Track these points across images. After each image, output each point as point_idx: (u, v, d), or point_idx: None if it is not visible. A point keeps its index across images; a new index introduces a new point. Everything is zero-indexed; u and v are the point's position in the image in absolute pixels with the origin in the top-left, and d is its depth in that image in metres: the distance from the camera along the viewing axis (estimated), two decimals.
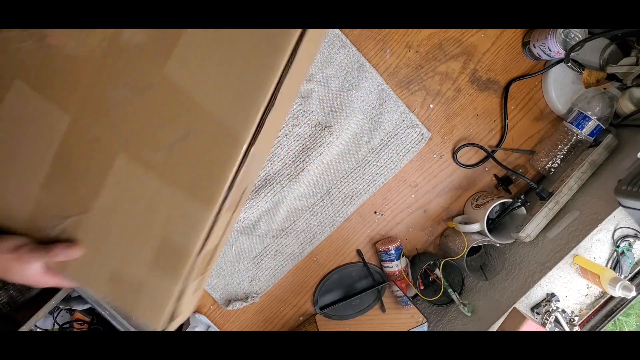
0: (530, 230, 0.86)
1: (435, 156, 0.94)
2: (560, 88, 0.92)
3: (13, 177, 0.57)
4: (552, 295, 0.83)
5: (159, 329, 0.59)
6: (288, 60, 0.52)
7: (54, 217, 0.57)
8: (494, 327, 0.82)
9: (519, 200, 0.90)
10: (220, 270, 0.91)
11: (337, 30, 0.86)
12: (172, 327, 0.60)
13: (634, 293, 0.75)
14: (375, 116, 0.90)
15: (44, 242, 0.56)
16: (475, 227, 0.89)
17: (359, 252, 0.96)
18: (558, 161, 0.91)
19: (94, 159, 0.56)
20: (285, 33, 0.52)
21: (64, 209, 0.57)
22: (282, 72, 0.52)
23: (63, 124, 0.55)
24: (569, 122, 0.89)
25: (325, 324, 0.94)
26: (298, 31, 0.52)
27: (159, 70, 0.53)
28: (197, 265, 0.57)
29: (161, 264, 0.57)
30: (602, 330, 0.85)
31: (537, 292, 0.83)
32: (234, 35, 0.53)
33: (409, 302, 0.93)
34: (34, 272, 0.57)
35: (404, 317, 0.92)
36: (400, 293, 0.94)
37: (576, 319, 0.85)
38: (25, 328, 0.74)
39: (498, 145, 0.95)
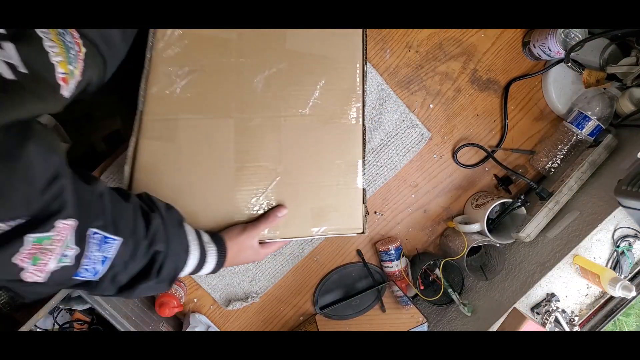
0: (531, 230, 0.86)
1: (435, 156, 0.94)
2: (560, 88, 0.92)
3: (211, 188, 0.71)
4: (552, 295, 0.83)
5: (362, 230, 0.76)
6: None
7: (252, 198, 0.72)
8: (494, 327, 0.82)
9: (519, 200, 0.90)
10: (220, 271, 0.91)
11: None
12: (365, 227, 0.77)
13: (634, 293, 0.75)
14: (375, 116, 0.90)
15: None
16: (475, 227, 0.89)
17: (359, 252, 0.96)
18: (558, 161, 0.91)
19: (265, 137, 0.71)
20: None
21: (257, 187, 0.72)
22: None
23: (230, 127, 0.70)
24: (568, 122, 0.89)
25: (325, 324, 0.94)
26: None
27: (282, 48, 0.70)
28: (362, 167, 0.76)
29: (343, 181, 0.75)
30: (602, 330, 0.85)
31: (537, 292, 0.83)
32: None
33: (409, 302, 0.93)
34: (256, 246, 0.70)
35: (404, 317, 0.92)
36: (400, 293, 0.94)
37: (576, 319, 0.85)
38: (25, 328, 0.74)
39: (498, 145, 0.95)
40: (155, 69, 0.68)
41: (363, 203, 0.76)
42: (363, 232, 0.76)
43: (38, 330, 0.83)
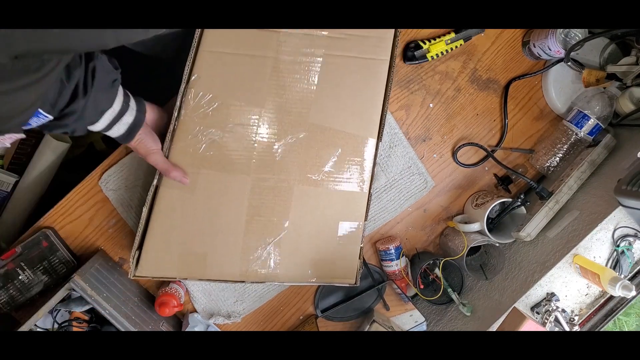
0: (531, 229, 0.86)
1: (435, 155, 0.94)
2: (560, 87, 0.92)
3: (221, 235, 0.76)
4: (552, 294, 0.83)
5: (355, 282, 0.81)
6: (386, 85, 0.77)
7: (259, 247, 0.77)
8: (494, 327, 0.82)
9: (519, 200, 0.90)
10: (208, 286, 0.91)
11: None
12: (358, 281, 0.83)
13: (633, 292, 0.75)
14: (384, 158, 0.90)
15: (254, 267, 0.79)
16: (475, 226, 0.89)
17: None
18: (557, 160, 0.91)
19: (277, 197, 0.77)
20: (378, 63, 0.76)
21: (264, 239, 0.77)
22: (385, 94, 0.77)
23: (247, 185, 0.75)
24: (568, 121, 0.89)
25: (327, 327, 0.94)
26: (387, 61, 0.77)
27: (305, 120, 0.75)
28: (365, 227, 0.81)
29: (345, 239, 0.80)
30: (602, 329, 0.85)
31: (537, 292, 0.83)
32: (343, 78, 0.76)
33: (408, 302, 0.93)
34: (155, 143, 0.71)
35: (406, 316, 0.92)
36: (399, 292, 0.94)
37: (576, 318, 0.85)
38: (24, 328, 0.74)
39: (498, 144, 0.95)
40: (184, 127, 0.72)
41: (359, 258, 0.81)
42: (355, 284, 0.82)
43: (38, 329, 0.83)
